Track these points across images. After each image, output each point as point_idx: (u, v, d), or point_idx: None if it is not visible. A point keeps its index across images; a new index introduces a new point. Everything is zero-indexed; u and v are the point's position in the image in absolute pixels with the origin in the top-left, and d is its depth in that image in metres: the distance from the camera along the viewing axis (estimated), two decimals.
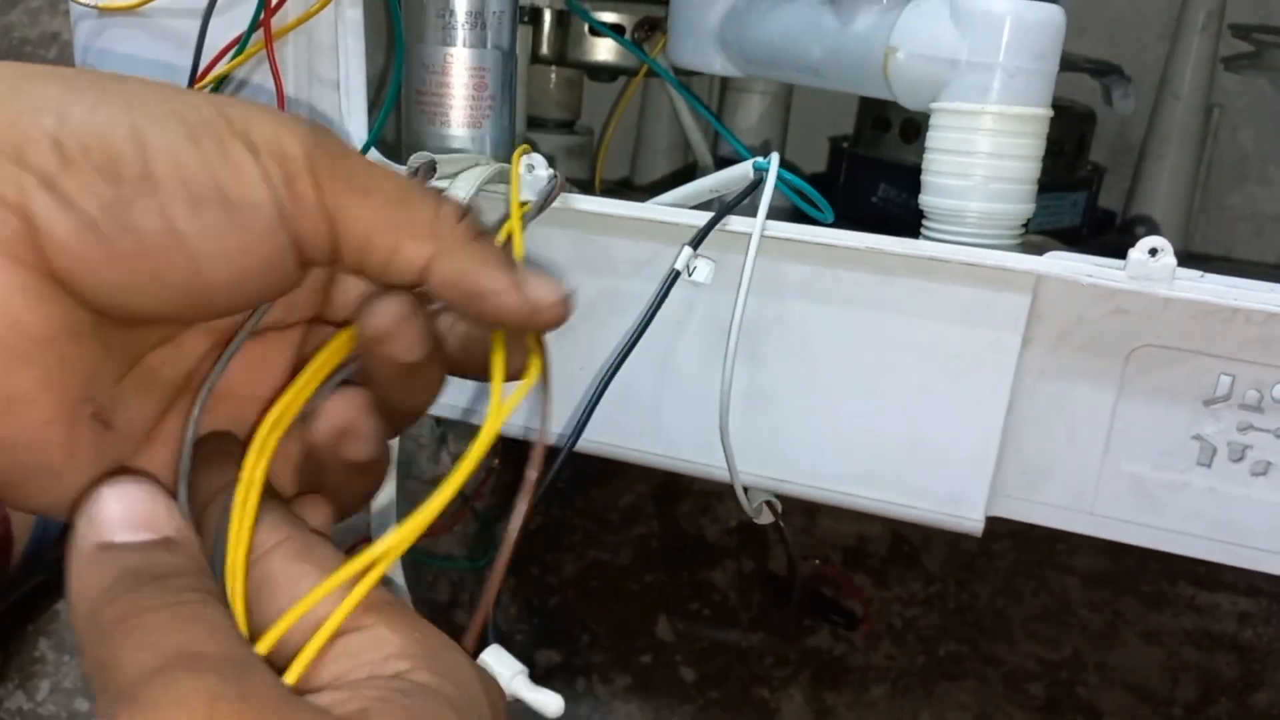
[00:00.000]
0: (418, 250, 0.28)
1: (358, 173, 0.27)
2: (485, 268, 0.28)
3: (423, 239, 0.28)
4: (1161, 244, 0.39)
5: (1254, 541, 0.42)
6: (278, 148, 0.26)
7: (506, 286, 0.28)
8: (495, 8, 0.47)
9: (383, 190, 0.27)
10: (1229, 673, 0.84)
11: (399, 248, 0.28)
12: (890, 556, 0.93)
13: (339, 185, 0.27)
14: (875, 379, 0.43)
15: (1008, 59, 0.41)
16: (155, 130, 0.25)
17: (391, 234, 0.27)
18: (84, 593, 0.24)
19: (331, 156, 0.27)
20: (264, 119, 0.26)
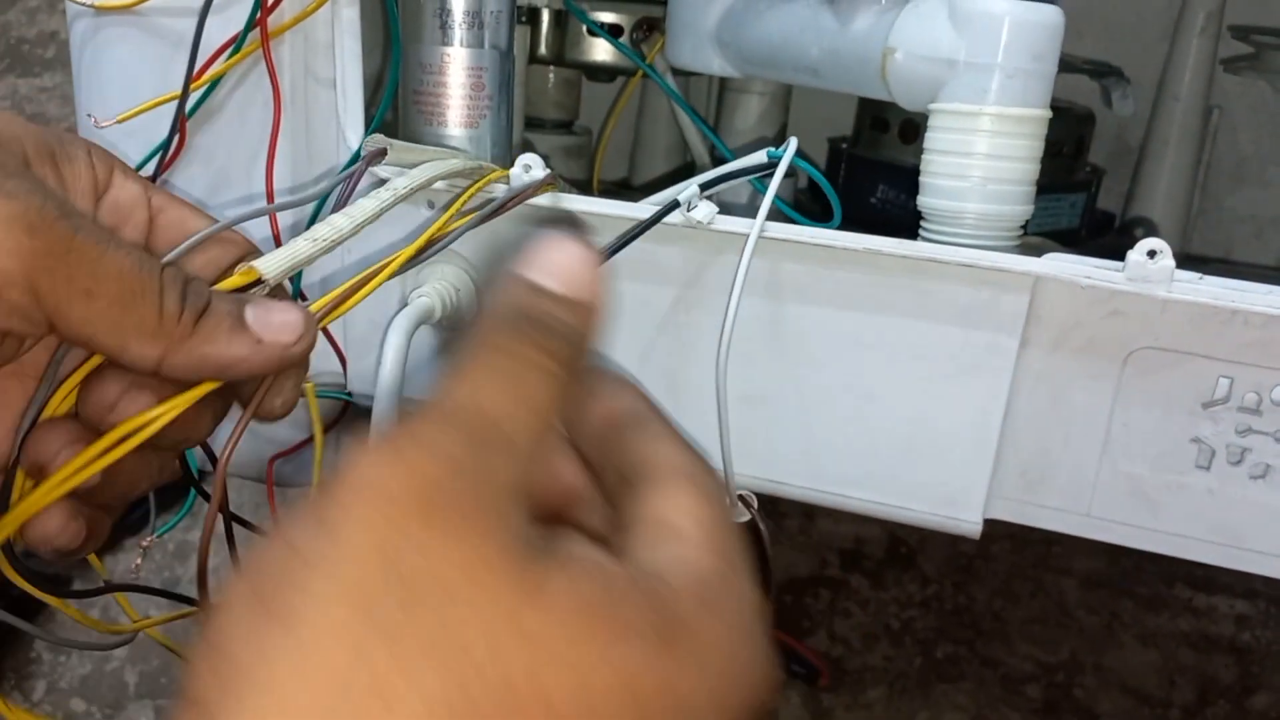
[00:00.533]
0: (145, 351, 0.28)
1: (80, 273, 0.27)
2: (217, 346, 0.29)
3: (149, 339, 0.28)
4: (1160, 246, 0.38)
5: (1252, 544, 0.41)
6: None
7: (245, 354, 0.29)
8: (493, 7, 0.47)
9: (105, 293, 0.28)
10: (1226, 675, 0.84)
11: (125, 348, 0.28)
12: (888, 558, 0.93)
13: (59, 291, 0.27)
14: (872, 380, 0.43)
15: (1006, 60, 0.41)
16: None
17: (115, 337, 0.28)
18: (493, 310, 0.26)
19: (53, 259, 0.27)
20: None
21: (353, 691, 0.19)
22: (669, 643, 0.22)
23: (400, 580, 0.20)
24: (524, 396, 0.24)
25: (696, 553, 0.25)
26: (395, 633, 0.20)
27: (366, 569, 0.20)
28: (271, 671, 0.19)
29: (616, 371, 0.30)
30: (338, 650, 0.19)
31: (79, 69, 0.51)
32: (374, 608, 0.20)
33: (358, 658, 0.19)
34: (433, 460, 0.22)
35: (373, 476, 0.21)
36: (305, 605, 0.20)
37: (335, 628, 0.20)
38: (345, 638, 0.20)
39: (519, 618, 0.20)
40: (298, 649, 0.20)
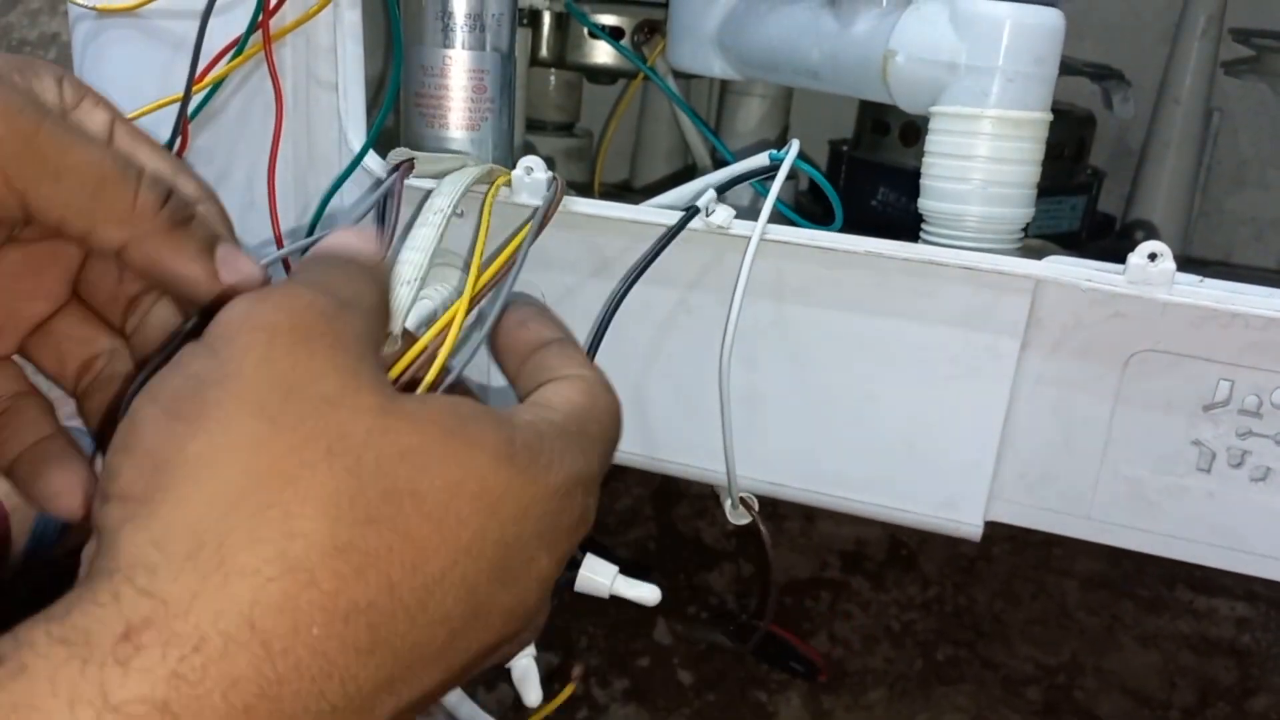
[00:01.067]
0: (110, 235, 0.29)
1: (49, 155, 0.28)
2: (179, 256, 0.30)
3: (116, 224, 0.29)
4: (1160, 249, 0.38)
5: (1253, 547, 0.42)
6: None
7: (198, 275, 0.31)
8: (494, 10, 0.47)
9: (76, 174, 0.28)
10: (1226, 677, 0.84)
11: (93, 230, 0.29)
12: (888, 560, 0.93)
13: (25, 170, 0.28)
14: (873, 383, 0.43)
15: (1007, 63, 0.41)
16: None
17: (85, 219, 0.29)
18: None
19: (21, 139, 0.28)
20: None
21: (261, 477, 0.23)
22: (515, 460, 0.26)
23: (289, 388, 0.24)
24: (357, 286, 0.28)
25: (551, 416, 0.29)
26: (291, 430, 0.24)
27: (258, 381, 0.24)
28: (189, 463, 0.23)
29: (539, 304, 0.36)
30: (243, 444, 0.23)
31: (81, 71, 0.51)
32: (268, 410, 0.24)
33: (260, 450, 0.23)
34: (305, 304, 0.26)
35: (254, 313, 0.25)
36: (210, 410, 0.24)
37: (238, 427, 0.23)
38: (248, 434, 0.23)
39: (390, 424, 0.25)
40: (209, 444, 0.23)
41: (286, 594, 0.22)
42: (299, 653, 0.22)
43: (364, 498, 0.24)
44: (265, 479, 0.23)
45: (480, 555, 0.26)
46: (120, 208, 0.29)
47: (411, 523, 0.24)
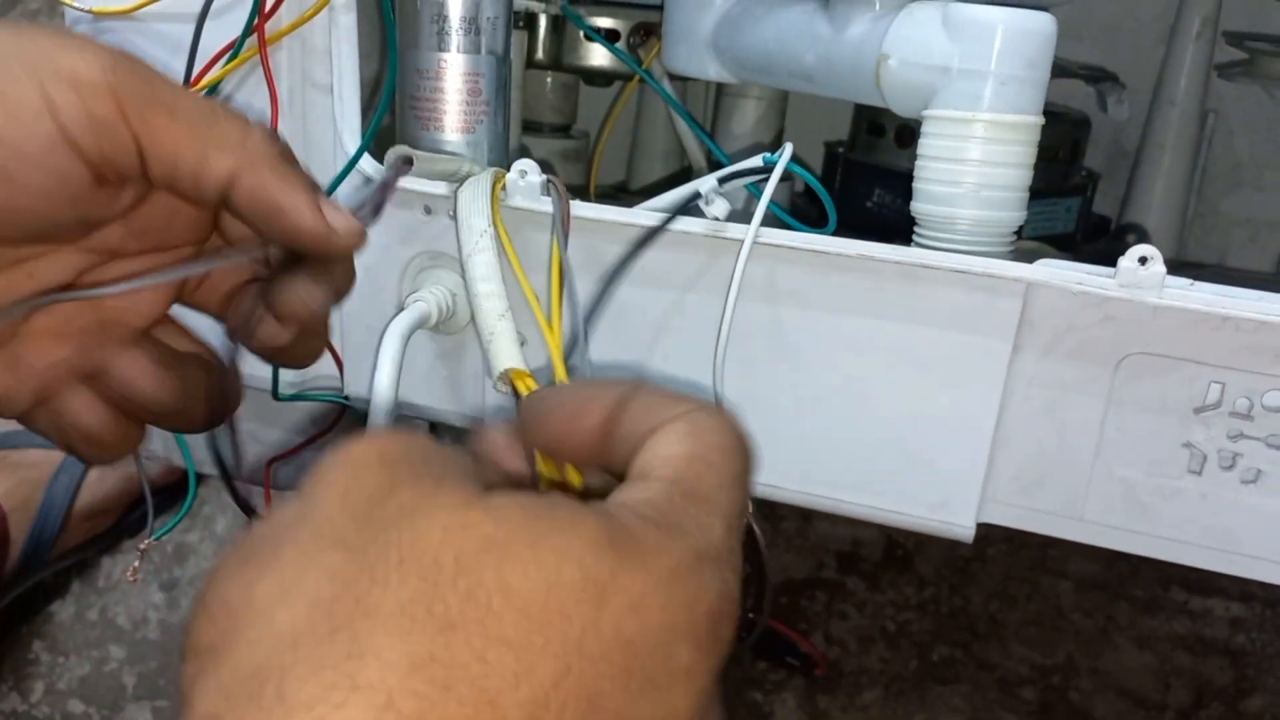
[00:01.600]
0: (222, 162, 0.29)
1: (163, 94, 0.28)
2: (285, 185, 0.30)
3: (228, 152, 0.29)
4: (1151, 252, 0.39)
5: (1245, 548, 0.42)
6: (73, 75, 0.27)
7: (304, 206, 0.30)
8: (490, 13, 0.47)
9: (189, 110, 0.29)
10: (1221, 678, 0.85)
11: (205, 160, 0.29)
12: (884, 561, 0.93)
13: (143, 107, 0.28)
14: (866, 385, 0.44)
15: (999, 67, 0.41)
16: None
17: (198, 148, 0.29)
18: None
19: (136, 78, 0.28)
20: (61, 48, 0.27)
21: (330, 604, 0.21)
22: (616, 545, 0.23)
23: (365, 512, 0.23)
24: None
25: (649, 491, 0.25)
26: (362, 551, 0.22)
27: (336, 513, 0.23)
28: (258, 605, 0.21)
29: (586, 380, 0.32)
30: (315, 577, 0.21)
31: None
32: (342, 538, 0.22)
33: (333, 578, 0.21)
34: (399, 439, 0.25)
35: (344, 451, 0.24)
36: (284, 550, 0.22)
37: (311, 561, 0.22)
38: (321, 566, 0.22)
39: (470, 517, 0.22)
40: (278, 583, 0.22)
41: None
42: None
43: (442, 603, 0.21)
44: (334, 605, 0.21)
45: (598, 656, 0.22)
46: (233, 136, 0.30)
47: (505, 624, 0.21)
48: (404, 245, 0.48)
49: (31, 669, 0.90)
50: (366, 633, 0.20)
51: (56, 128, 0.27)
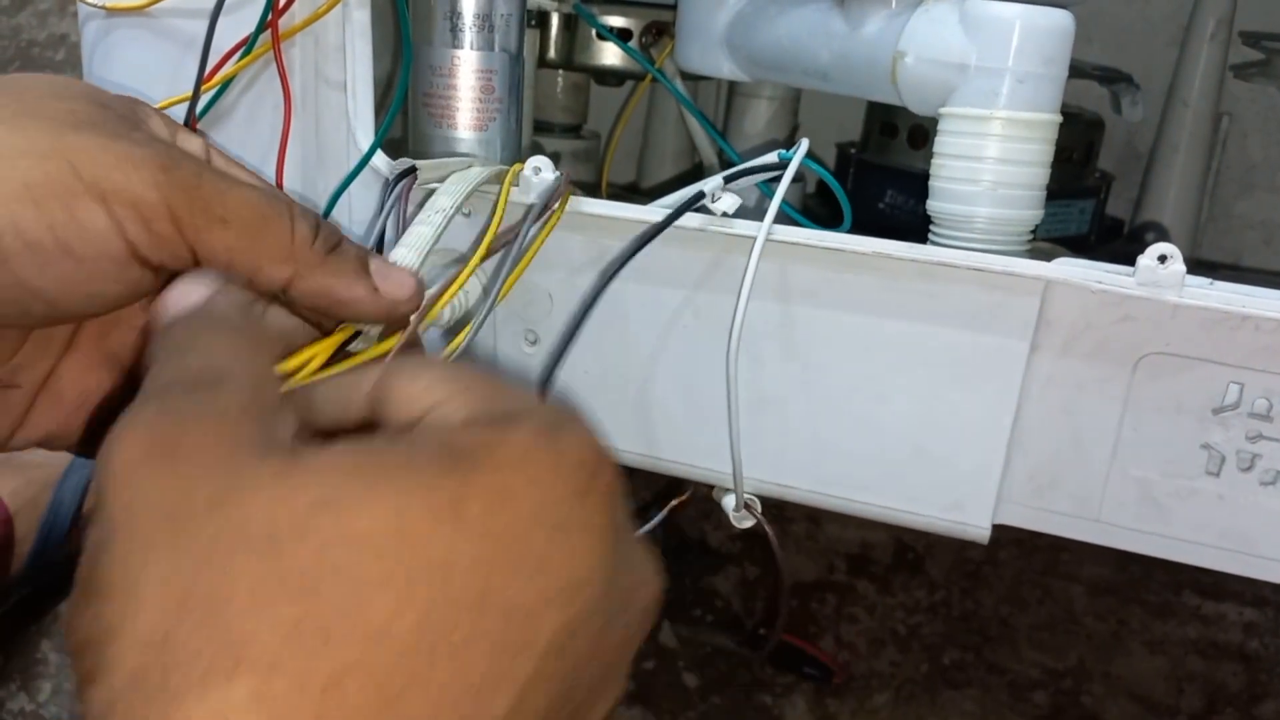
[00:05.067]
0: (276, 273, 0.31)
1: (214, 203, 0.30)
2: (341, 281, 0.31)
3: (280, 263, 0.31)
4: (1171, 251, 0.38)
5: (1262, 551, 0.41)
6: (131, 196, 0.28)
7: (363, 295, 0.32)
8: (503, 10, 0.47)
9: (240, 217, 0.30)
10: (1234, 683, 0.84)
11: (259, 270, 0.30)
12: (895, 564, 0.93)
13: (197, 220, 0.29)
14: (881, 384, 0.43)
15: (1017, 64, 0.41)
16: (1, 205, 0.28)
17: (250, 259, 0.30)
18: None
19: (187, 192, 0.29)
20: (117, 168, 0.29)
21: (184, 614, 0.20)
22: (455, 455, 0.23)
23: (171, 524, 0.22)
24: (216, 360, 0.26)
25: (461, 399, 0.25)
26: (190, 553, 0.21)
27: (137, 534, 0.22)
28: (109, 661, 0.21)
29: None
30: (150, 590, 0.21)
31: (89, 71, 0.51)
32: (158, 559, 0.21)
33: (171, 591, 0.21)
34: (151, 420, 0.23)
35: (108, 458, 0.23)
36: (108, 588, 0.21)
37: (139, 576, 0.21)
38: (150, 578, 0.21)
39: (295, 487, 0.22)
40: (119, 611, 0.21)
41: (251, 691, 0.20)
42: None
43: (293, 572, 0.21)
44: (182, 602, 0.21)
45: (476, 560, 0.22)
46: (282, 245, 0.31)
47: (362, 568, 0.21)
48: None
49: (40, 669, 0.90)
50: (228, 617, 0.20)
51: (126, 245, 0.29)
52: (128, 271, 0.30)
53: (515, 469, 0.23)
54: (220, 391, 0.24)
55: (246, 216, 0.30)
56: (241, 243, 0.30)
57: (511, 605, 0.22)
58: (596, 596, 0.24)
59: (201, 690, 0.20)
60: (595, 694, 0.25)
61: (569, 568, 0.23)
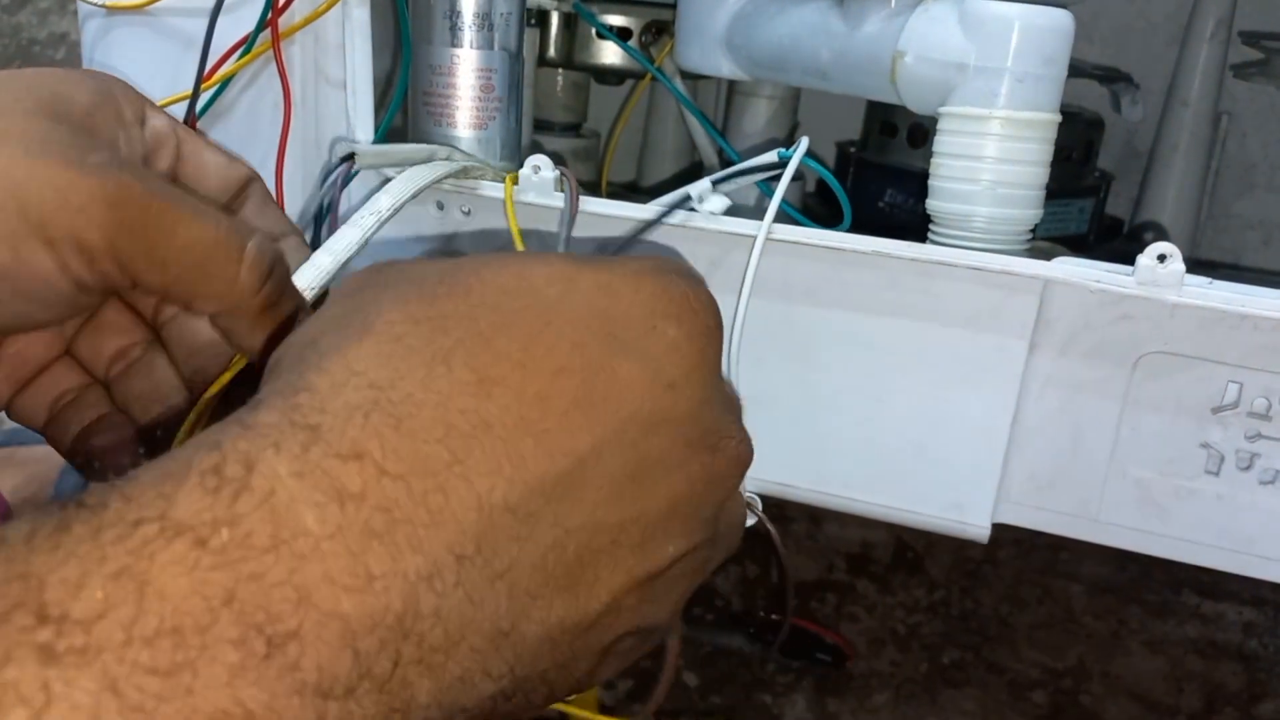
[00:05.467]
0: (207, 308, 0.32)
1: (158, 245, 0.30)
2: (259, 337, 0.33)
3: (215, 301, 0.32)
4: (1170, 250, 0.38)
5: (1261, 550, 0.41)
6: (75, 240, 0.29)
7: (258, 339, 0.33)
8: (502, 9, 0.47)
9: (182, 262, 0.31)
10: (1234, 682, 0.84)
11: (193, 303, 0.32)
12: (894, 563, 0.93)
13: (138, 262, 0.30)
14: (880, 384, 0.43)
15: (1016, 64, 0.41)
16: None
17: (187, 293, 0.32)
18: None
19: (132, 234, 0.30)
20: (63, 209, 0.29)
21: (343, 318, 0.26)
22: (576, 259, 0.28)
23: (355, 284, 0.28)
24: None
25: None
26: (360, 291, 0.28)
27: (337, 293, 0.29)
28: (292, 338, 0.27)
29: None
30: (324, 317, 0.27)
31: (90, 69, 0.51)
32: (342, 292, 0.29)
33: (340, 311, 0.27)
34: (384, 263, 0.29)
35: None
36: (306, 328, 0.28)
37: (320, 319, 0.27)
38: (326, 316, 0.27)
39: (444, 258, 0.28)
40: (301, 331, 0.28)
41: (377, 350, 0.24)
42: (406, 388, 0.24)
43: (430, 290, 0.26)
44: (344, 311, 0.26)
45: (576, 319, 0.26)
46: (221, 288, 0.32)
47: (486, 295, 0.26)
48: (416, 242, 0.47)
49: None
50: (374, 311, 0.25)
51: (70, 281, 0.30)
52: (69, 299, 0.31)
53: (628, 275, 0.27)
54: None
55: (189, 262, 0.31)
56: (179, 285, 0.31)
57: (600, 365, 0.26)
58: (681, 407, 0.27)
59: (340, 349, 0.24)
60: (668, 519, 0.27)
61: (659, 365, 0.27)
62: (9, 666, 0.18)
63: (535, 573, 0.24)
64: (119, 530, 0.20)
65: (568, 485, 0.25)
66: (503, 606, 0.24)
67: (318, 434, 0.22)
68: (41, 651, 0.18)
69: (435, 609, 0.22)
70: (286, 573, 0.20)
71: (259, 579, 0.20)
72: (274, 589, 0.20)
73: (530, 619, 0.25)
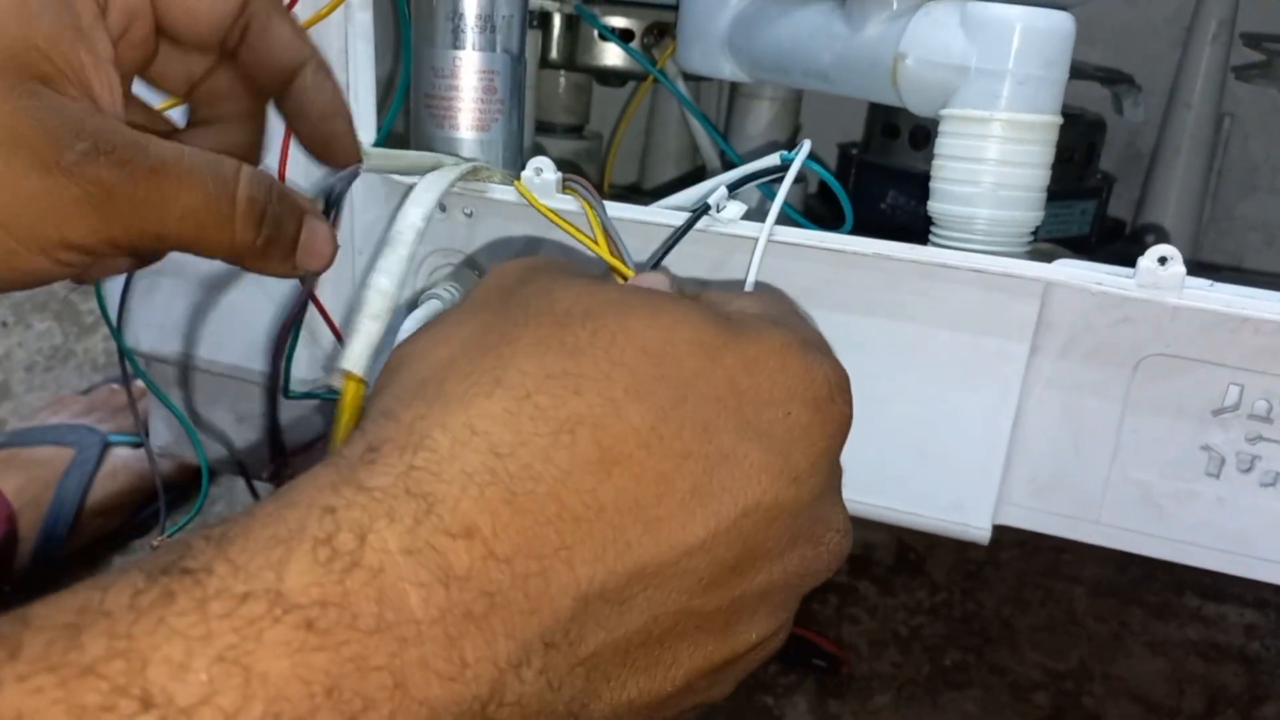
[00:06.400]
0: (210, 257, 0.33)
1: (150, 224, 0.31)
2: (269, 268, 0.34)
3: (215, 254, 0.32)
4: (1171, 252, 0.38)
5: (1262, 552, 0.41)
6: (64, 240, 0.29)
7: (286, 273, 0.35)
8: (504, 11, 0.47)
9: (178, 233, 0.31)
10: (1235, 684, 0.84)
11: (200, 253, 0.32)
12: (896, 565, 0.93)
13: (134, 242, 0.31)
14: (882, 385, 0.43)
15: (1017, 66, 0.41)
16: None
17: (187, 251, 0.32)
18: None
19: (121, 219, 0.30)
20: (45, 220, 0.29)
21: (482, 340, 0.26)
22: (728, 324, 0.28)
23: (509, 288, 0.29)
24: None
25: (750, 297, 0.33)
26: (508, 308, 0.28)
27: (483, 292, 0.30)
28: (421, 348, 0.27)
29: None
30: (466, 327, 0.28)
31: None
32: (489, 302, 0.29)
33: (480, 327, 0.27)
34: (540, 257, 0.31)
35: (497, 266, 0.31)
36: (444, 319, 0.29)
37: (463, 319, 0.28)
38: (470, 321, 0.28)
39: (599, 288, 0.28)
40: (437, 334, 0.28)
41: (505, 408, 0.24)
42: (526, 458, 0.23)
43: (572, 336, 0.25)
44: (482, 340, 0.26)
45: (712, 396, 0.25)
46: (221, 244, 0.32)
47: (626, 354, 0.25)
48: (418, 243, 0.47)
49: None
50: (509, 355, 0.25)
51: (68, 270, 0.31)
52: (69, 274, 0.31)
53: (772, 352, 0.27)
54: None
55: (182, 232, 0.31)
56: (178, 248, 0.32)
57: (728, 452, 0.25)
58: (800, 500, 0.26)
59: (465, 402, 0.24)
60: (757, 607, 0.27)
61: (787, 454, 0.26)
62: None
63: (616, 656, 0.24)
64: (225, 604, 0.19)
65: (669, 574, 0.24)
66: (579, 690, 0.23)
67: (431, 506, 0.22)
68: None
69: (518, 697, 0.22)
70: (387, 658, 0.20)
71: (360, 663, 0.20)
72: (372, 675, 0.20)
73: (601, 699, 0.24)
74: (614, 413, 0.24)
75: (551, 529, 0.23)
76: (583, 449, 0.23)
